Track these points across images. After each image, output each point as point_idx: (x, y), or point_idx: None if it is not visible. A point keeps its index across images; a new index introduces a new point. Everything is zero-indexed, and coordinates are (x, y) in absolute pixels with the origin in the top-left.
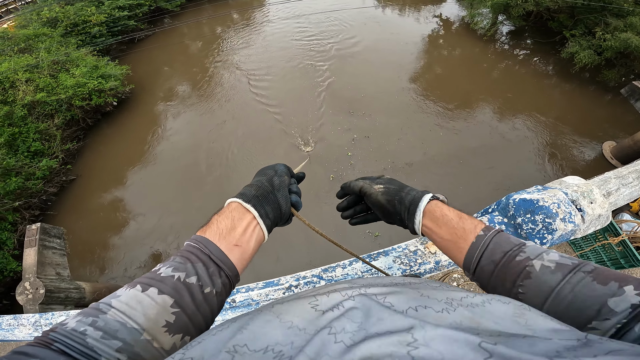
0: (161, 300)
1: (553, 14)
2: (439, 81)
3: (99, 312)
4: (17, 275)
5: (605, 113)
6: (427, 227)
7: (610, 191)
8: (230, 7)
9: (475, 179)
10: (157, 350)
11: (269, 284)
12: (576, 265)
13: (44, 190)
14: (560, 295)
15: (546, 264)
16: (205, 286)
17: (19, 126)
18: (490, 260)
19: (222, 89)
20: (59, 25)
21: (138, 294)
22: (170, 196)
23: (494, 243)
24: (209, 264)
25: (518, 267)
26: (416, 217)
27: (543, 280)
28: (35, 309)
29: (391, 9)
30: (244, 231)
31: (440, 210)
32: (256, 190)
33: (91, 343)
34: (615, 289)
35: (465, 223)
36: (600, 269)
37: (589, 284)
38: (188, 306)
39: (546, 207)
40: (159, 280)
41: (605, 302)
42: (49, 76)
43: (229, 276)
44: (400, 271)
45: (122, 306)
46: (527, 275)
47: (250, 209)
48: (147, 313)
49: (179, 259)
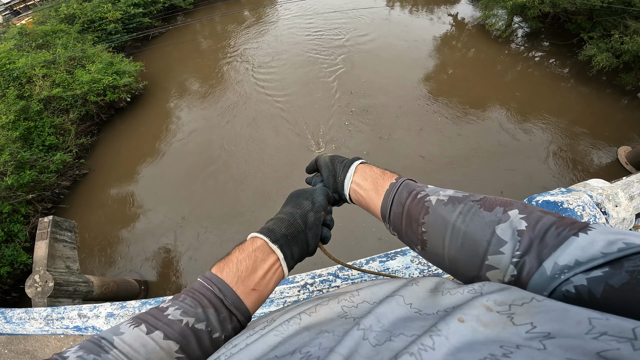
0: (166, 345)
1: (570, 16)
2: (452, 82)
3: (101, 350)
4: (27, 268)
5: (621, 117)
6: (355, 183)
7: (633, 195)
8: (243, 5)
9: (488, 180)
10: None
11: (284, 281)
12: (467, 196)
13: (57, 184)
14: (456, 228)
15: (441, 198)
16: (214, 332)
17: (35, 120)
18: (399, 203)
19: (234, 86)
20: (76, 21)
21: (142, 337)
22: (180, 192)
23: (403, 187)
24: (221, 309)
25: (419, 204)
26: (349, 172)
27: (438, 214)
28: (43, 302)
29: (403, 9)
30: (265, 274)
31: (369, 167)
32: (287, 228)
33: None
34: (501, 215)
35: (385, 175)
36: (489, 197)
37: (477, 212)
38: (194, 352)
39: (571, 209)
40: (166, 323)
41: (493, 231)
42: (65, 72)
43: (241, 321)
44: (417, 271)
45: (125, 347)
46: (426, 211)
47: (276, 250)
48: (150, 358)
49: (189, 301)
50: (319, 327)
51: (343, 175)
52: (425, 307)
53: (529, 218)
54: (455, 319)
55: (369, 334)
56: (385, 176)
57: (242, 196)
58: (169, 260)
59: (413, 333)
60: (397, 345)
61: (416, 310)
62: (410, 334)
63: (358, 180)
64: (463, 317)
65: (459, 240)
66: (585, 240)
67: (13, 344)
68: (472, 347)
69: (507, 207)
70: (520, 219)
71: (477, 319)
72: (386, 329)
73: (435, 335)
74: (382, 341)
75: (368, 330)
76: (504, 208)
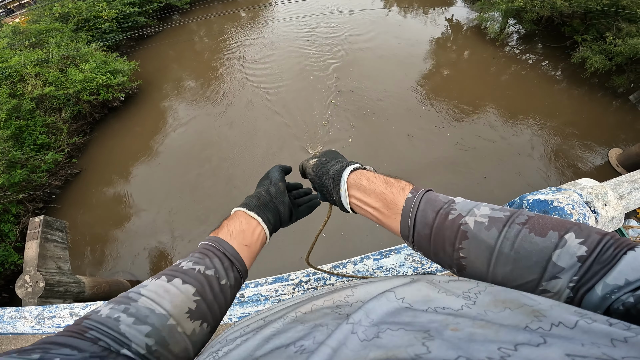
0: (185, 289)
1: (565, 19)
2: (446, 83)
3: (130, 300)
4: (17, 268)
5: (613, 119)
6: (355, 198)
7: (622, 194)
8: (239, 5)
9: (480, 183)
10: (180, 334)
11: (279, 279)
12: (509, 217)
13: (49, 183)
14: (502, 255)
15: (479, 220)
16: (221, 278)
17: (26, 119)
18: (424, 223)
19: (229, 86)
20: (71, 20)
21: (165, 284)
22: (173, 192)
23: (425, 203)
24: (224, 259)
25: (453, 226)
26: (341, 188)
27: (480, 240)
28: (34, 303)
29: (400, 10)
30: (252, 233)
31: (366, 178)
32: (257, 200)
33: (124, 329)
34: (557, 240)
35: (393, 187)
36: (535, 218)
37: (527, 238)
38: (207, 296)
39: (561, 208)
40: (182, 272)
41: (549, 257)
42: (58, 71)
43: (240, 271)
44: (412, 269)
45: (151, 294)
46: (464, 236)
47: (254, 216)
48: (173, 300)
49: (197, 255)
50: (313, 322)
51: (337, 193)
52: (417, 303)
53: (587, 242)
54: (447, 330)
55: (357, 328)
56: (393, 188)
57: (236, 195)
58: (161, 260)
59: (400, 327)
60: (384, 341)
61: (407, 305)
62: (396, 328)
63: (360, 197)
64: (457, 327)
65: (508, 267)
66: (633, 258)
67: (4, 343)
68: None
69: (561, 231)
70: (579, 243)
71: (472, 324)
72: (374, 323)
73: (428, 341)
74: (370, 337)
75: (357, 324)
76: (559, 232)
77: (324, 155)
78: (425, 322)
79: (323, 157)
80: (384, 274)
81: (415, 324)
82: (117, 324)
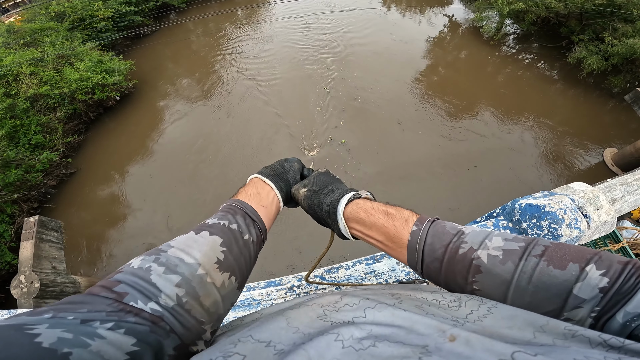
0: (212, 240)
1: (561, 19)
2: (442, 83)
3: (160, 251)
4: (12, 269)
5: (608, 119)
6: (356, 230)
7: (615, 198)
8: (237, 4)
9: (477, 183)
10: (209, 285)
11: (271, 283)
12: (524, 248)
13: (44, 183)
14: (520, 288)
15: (492, 253)
16: (244, 233)
17: (21, 119)
18: (433, 258)
19: (225, 86)
20: (66, 19)
21: (193, 235)
22: (169, 192)
23: (432, 236)
24: (245, 216)
25: (464, 261)
26: (339, 222)
27: (495, 274)
28: (29, 303)
29: (397, 9)
30: (267, 196)
31: (363, 210)
32: (271, 170)
33: (154, 279)
34: (577, 273)
35: (395, 220)
36: (551, 249)
37: (545, 271)
38: (233, 247)
39: (552, 212)
40: (208, 226)
41: (570, 290)
42: (53, 70)
43: (260, 229)
44: (403, 274)
45: (181, 244)
46: (477, 270)
47: (268, 182)
48: (202, 249)
49: (220, 213)
50: (296, 327)
51: (335, 227)
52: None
53: (609, 273)
54: (446, 341)
55: (345, 336)
56: (395, 220)
57: (232, 193)
58: None
59: (398, 340)
60: (379, 351)
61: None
62: (395, 340)
63: (360, 229)
64: (454, 336)
65: (526, 299)
66: None
67: None
68: None
69: (582, 263)
70: (600, 275)
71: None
72: (371, 335)
73: (425, 356)
74: (366, 346)
75: (347, 333)
76: (579, 264)
77: (313, 184)
78: (422, 329)
79: (313, 187)
80: (376, 279)
81: (413, 338)
82: (148, 274)
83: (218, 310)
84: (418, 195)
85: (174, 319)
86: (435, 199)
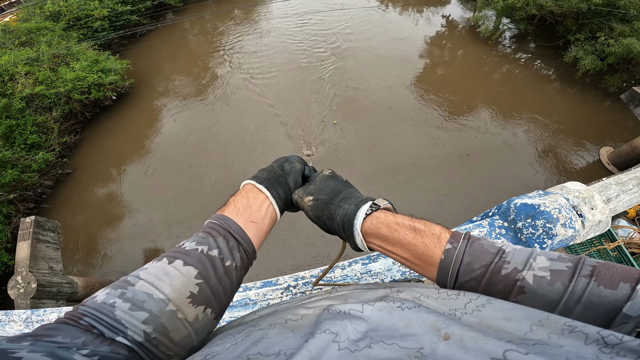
0: (186, 271)
1: (557, 18)
2: (439, 82)
3: (127, 284)
4: (9, 269)
5: (604, 118)
6: (376, 245)
7: (610, 197)
8: (234, 3)
9: (473, 181)
10: (181, 321)
11: (267, 283)
12: (573, 270)
13: (40, 183)
14: (566, 309)
15: (539, 274)
16: (226, 259)
17: (17, 118)
18: (470, 277)
19: (222, 85)
20: (62, 19)
21: (165, 266)
22: (166, 191)
23: (470, 256)
24: (229, 238)
25: (506, 281)
26: (356, 239)
27: (541, 295)
28: (26, 304)
29: (395, 9)
30: (259, 209)
31: (386, 226)
32: (268, 174)
33: (119, 315)
34: (629, 292)
35: (424, 237)
36: (599, 268)
37: (596, 291)
38: (210, 278)
39: (547, 212)
40: (184, 253)
41: (619, 309)
42: (48, 69)
43: (247, 251)
44: (399, 274)
45: (150, 277)
46: (521, 291)
47: (263, 189)
48: (173, 284)
49: (201, 234)
50: (302, 331)
51: (351, 241)
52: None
53: None
54: (440, 340)
55: (342, 337)
56: (425, 237)
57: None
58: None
59: (393, 342)
60: (375, 352)
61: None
62: (390, 342)
63: (381, 245)
64: (448, 334)
65: (572, 316)
66: None
67: None
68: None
69: (632, 282)
70: None
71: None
72: (365, 335)
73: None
74: (362, 347)
75: (344, 334)
76: (630, 284)
77: (320, 191)
78: (418, 328)
79: (321, 195)
80: (372, 279)
81: (408, 339)
82: (112, 310)
83: (190, 342)
84: (412, 186)
85: (142, 352)
86: (431, 193)
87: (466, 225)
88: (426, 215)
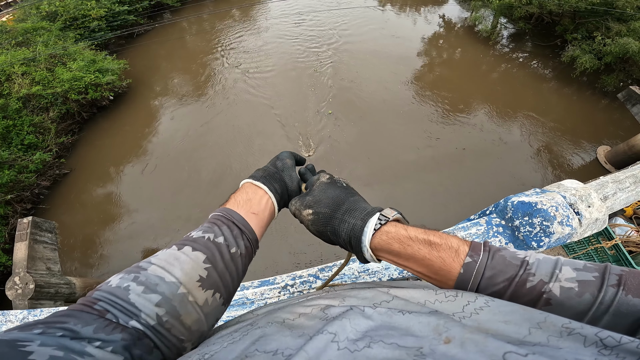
0: (194, 256)
1: (555, 18)
2: (437, 81)
3: (140, 269)
4: (6, 270)
5: (601, 117)
6: (388, 259)
7: (607, 195)
8: (232, 3)
9: (471, 180)
10: (191, 304)
11: (265, 282)
12: (601, 280)
13: (37, 184)
14: (594, 319)
15: (566, 286)
16: (231, 246)
17: (13, 119)
18: (492, 290)
19: (220, 84)
20: (58, 19)
21: (175, 252)
22: (164, 192)
23: (491, 269)
24: (233, 227)
25: (532, 294)
26: (365, 254)
27: (569, 307)
28: (24, 304)
29: (392, 8)
30: (259, 202)
31: (397, 241)
32: (263, 172)
33: (133, 299)
34: None
35: (440, 251)
36: (626, 277)
37: (624, 300)
38: (218, 263)
39: (544, 210)
40: (192, 240)
41: None
42: (45, 69)
43: (250, 240)
44: (397, 272)
45: (161, 262)
46: (547, 302)
47: (260, 185)
48: (183, 268)
49: (206, 224)
50: (301, 330)
51: (360, 257)
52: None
53: None
54: (440, 343)
55: (341, 337)
56: (442, 252)
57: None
58: None
59: (392, 342)
60: (374, 352)
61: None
62: (389, 341)
63: (393, 259)
64: (449, 338)
65: (600, 324)
66: None
67: None
68: None
69: None
70: None
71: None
72: (364, 335)
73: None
74: (361, 347)
75: (342, 334)
76: None
77: (320, 203)
78: (418, 330)
79: (321, 208)
80: (370, 278)
81: (408, 340)
82: (126, 293)
83: (201, 327)
84: (411, 183)
85: (155, 337)
86: (427, 191)
87: (464, 223)
88: (424, 212)
